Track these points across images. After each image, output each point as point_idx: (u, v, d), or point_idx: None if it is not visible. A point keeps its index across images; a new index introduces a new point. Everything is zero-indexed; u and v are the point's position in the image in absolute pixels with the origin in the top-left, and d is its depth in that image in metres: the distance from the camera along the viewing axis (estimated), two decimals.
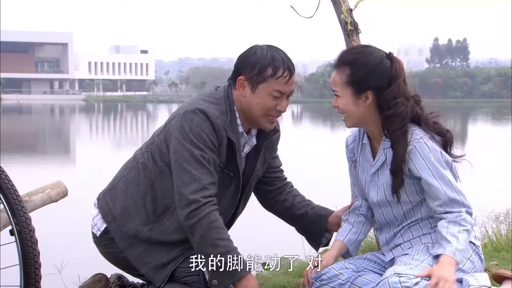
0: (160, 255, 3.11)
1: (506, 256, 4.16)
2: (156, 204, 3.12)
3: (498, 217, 5.21)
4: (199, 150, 2.97)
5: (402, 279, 2.69)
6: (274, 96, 3.05)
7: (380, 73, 2.89)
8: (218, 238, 2.94)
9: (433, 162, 2.85)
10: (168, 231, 3.10)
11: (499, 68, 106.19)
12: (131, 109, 73.42)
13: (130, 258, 3.16)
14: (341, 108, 2.97)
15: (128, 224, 3.14)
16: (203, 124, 2.99)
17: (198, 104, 3.05)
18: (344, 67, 2.93)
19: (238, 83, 3.08)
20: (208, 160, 2.98)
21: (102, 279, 3.38)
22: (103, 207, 3.23)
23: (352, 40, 3.70)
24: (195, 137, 2.97)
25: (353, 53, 2.97)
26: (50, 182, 3.69)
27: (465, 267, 2.87)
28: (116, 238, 3.17)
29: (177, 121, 3.03)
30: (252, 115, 3.10)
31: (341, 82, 2.94)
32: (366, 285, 2.96)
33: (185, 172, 2.96)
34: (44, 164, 20.55)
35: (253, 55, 3.06)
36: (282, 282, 3.48)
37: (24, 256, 2.86)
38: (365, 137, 3.06)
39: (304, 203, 3.43)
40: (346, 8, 3.70)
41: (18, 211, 2.90)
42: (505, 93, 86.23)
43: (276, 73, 3.03)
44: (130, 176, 3.19)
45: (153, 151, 3.14)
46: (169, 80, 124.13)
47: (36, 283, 2.88)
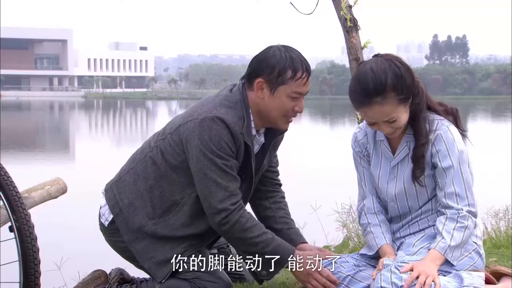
0: (163, 250, 3.12)
1: (505, 252, 4.16)
2: (163, 199, 3.13)
3: (497, 214, 5.20)
4: (221, 159, 3.00)
5: (393, 276, 2.75)
6: (293, 98, 3.06)
7: (412, 77, 2.88)
8: (254, 236, 3.04)
9: (455, 153, 2.89)
10: (174, 227, 3.12)
11: (499, 65, 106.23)
12: (131, 105, 73.40)
13: (134, 251, 3.17)
14: (401, 126, 2.92)
15: (134, 217, 3.15)
16: (223, 133, 3.00)
17: (216, 111, 3.03)
18: (386, 95, 2.82)
19: (257, 85, 3.07)
20: (230, 167, 3.02)
21: (101, 275, 3.39)
22: (110, 198, 3.24)
23: (351, 36, 3.71)
24: (216, 147, 2.99)
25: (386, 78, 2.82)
26: (50, 179, 3.69)
27: (463, 263, 2.89)
28: (122, 231, 3.18)
29: (196, 128, 3.02)
30: (270, 116, 3.11)
31: (393, 108, 2.84)
32: (366, 280, 2.99)
33: (210, 181, 3.00)
34: (44, 160, 20.54)
35: (273, 57, 3.05)
36: (281, 279, 3.49)
37: (24, 253, 2.86)
38: (381, 134, 3.05)
39: (284, 220, 3.42)
40: (346, 5, 3.70)
41: (17, 208, 2.90)
42: (505, 90, 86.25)
43: (295, 75, 3.04)
44: (138, 169, 3.20)
45: (164, 147, 3.13)
46: (169, 77, 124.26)
47: (35, 279, 2.88)
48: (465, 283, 2.77)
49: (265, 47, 3.14)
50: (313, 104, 68.29)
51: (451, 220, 2.85)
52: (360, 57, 3.69)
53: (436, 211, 2.97)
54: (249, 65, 3.14)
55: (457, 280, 2.79)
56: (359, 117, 3.72)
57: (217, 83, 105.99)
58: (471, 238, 2.94)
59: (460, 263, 2.88)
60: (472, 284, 2.76)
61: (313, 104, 68.29)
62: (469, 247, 2.94)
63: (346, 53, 3.77)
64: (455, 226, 2.84)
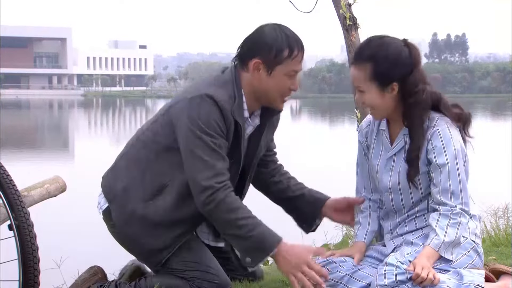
0: (154, 237, 3.07)
1: (505, 250, 4.16)
2: (153, 182, 3.08)
3: (496, 212, 5.21)
4: (210, 136, 2.95)
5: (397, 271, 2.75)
6: (290, 76, 3.05)
7: (402, 63, 2.89)
8: (239, 218, 2.93)
9: (452, 150, 2.88)
10: (163, 209, 3.05)
11: (498, 63, 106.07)
12: (130, 104, 73.37)
13: (125, 237, 3.12)
14: (367, 103, 2.96)
15: (127, 202, 3.10)
16: (212, 110, 2.96)
17: (205, 89, 3.00)
18: (365, 63, 2.91)
19: (253, 66, 3.04)
20: (219, 145, 2.97)
21: (98, 271, 3.31)
22: (105, 186, 3.20)
23: (350, 35, 3.71)
24: (205, 124, 2.94)
25: (371, 47, 2.93)
26: (49, 177, 3.69)
27: (461, 261, 2.88)
28: (114, 217, 3.12)
29: (185, 107, 2.99)
30: (267, 97, 3.09)
31: (365, 78, 2.91)
32: (365, 279, 2.97)
33: (197, 159, 2.94)
34: (43, 159, 20.55)
35: (268, 37, 3.02)
36: (280, 277, 3.49)
37: (23, 251, 2.86)
38: (383, 123, 3.06)
39: (300, 186, 3.41)
40: (345, 3, 3.70)
41: (16, 206, 2.90)
42: (504, 88, 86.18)
43: (292, 54, 3.02)
44: (130, 154, 3.17)
45: (155, 129, 3.11)
46: (168, 75, 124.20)
47: (35, 277, 2.88)
48: (465, 280, 2.76)
49: (257, 27, 3.10)
50: (312, 102, 68.28)
51: (444, 217, 2.85)
52: None
53: (433, 210, 2.95)
54: (242, 45, 3.09)
55: (456, 278, 2.79)
56: (358, 116, 3.72)
57: None
58: (469, 237, 2.93)
59: (458, 261, 2.88)
60: (473, 281, 2.76)
61: (312, 102, 68.28)
62: (467, 246, 2.92)
63: (345, 52, 3.76)
64: (448, 223, 2.84)
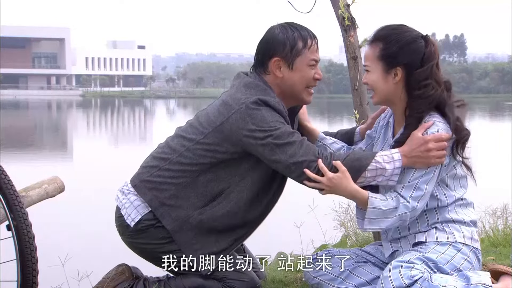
0: (209, 242, 3.08)
1: (503, 251, 4.17)
2: (208, 189, 3.07)
3: (495, 212, 5.22)
4: (282, 124, 2.97)
5: (402, 271, 2.71)
6: (311, 65, 3.09)
7: (412, 50, 2.90)
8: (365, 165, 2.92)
9: None
10: (219, 216, 3.05)
11: (497, 63, 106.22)
12: (129, 104, 73.36)
13: (178, 243, 3.09)
14: (370, 83, 2.99)
15: (177, 208, 3.07)
16: (271, 113, 2.98)
17: (253, 95, 3.00)
18: (377, 42, 2.96)
19: (273, 65, 3.07)
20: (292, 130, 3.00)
21: (125, 270, 3.25)
22: (145, 193, 3.12)
23: (349, 35, 3.70)
24: (272, 122, 2.95)
25: (388, 29, 2.99)
26: (47, 177, 3.69)
27: (463, 266, 2.87)
28: (165, 222, 3.07)
29: (244, 117, 2.97)
30: (294, 92, 3.12)
31: (373, 57, 2.96)
32: (365, 276, 2.98)
33: (283, 148, 2.93)
34: (41, 159, 20.55)
35: (279, 34, 3.08)
36: (279, 277, 3.49)
37: (21, 251, 2.86)
38: (392, 116, 3.09)
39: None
40: (343, 4, 3.69)
41: (15, 206, 2.90)
42: (503, 89, 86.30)
43: (306, 44, 3.08)
44: (173, 166, 3.10)
45: (206, 144, 3.04)
46: (167, 75, 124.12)
47: (33, 278, 2.88)
48: (473, 281, 2.75)
49: (266, 30, 3.14)
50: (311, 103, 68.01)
51: (395, 201, 2.85)
52: (358, 56, 3.69)
53: (425, 211, 2.93)
54: (257, 50, 3.13)
55: (463, 280, 2.78)
56: (356, 116, 3.72)
57: (215, 81, 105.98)
58: (466, 241, 2.91)
59: (461, 266, 2.86)
60: (480, 281, 2.75)
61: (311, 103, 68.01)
62: (467, 250, 2.91)
63: (344, 52, 3.76)
64: (393, 205, 2.84)
